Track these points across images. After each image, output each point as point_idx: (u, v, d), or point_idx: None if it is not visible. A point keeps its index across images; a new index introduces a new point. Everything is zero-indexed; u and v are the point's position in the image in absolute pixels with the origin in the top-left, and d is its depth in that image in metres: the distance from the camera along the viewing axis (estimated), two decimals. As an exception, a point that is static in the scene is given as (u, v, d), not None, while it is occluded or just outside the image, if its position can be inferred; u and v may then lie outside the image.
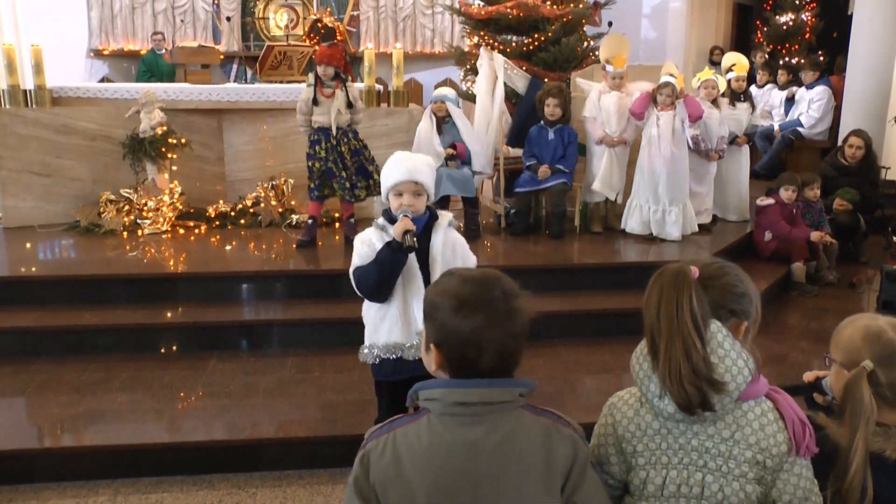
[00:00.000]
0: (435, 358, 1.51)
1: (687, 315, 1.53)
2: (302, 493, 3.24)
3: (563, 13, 7.42)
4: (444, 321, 1.47)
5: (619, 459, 1.65)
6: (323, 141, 5.24)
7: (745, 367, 1.55)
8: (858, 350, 1.68)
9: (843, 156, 6.84)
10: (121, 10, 11.07)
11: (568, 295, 4.89)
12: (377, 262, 2.63)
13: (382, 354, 2.77)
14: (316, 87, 5.21)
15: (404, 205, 2.66)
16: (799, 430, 1.57)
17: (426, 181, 2.69)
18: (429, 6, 11.84)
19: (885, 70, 7.83)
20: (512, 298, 1.48)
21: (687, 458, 1.58)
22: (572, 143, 5.91)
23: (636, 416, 1.63)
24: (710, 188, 6.35)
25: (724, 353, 1.55)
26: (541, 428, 1.48)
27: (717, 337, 1.56)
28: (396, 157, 2.73)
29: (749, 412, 1.58)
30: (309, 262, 5.15)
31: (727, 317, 1.63)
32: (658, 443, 1.61)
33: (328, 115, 5.21)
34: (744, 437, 1.56)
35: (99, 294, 4.62)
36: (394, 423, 1.52)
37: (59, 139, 6.06)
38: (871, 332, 1.68)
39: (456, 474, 1.44)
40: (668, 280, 1.58)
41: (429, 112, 5.88)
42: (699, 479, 1.57)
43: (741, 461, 1.55)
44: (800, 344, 4.71)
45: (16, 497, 3.17)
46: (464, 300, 1.46)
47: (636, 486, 1.63)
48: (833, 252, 6.09)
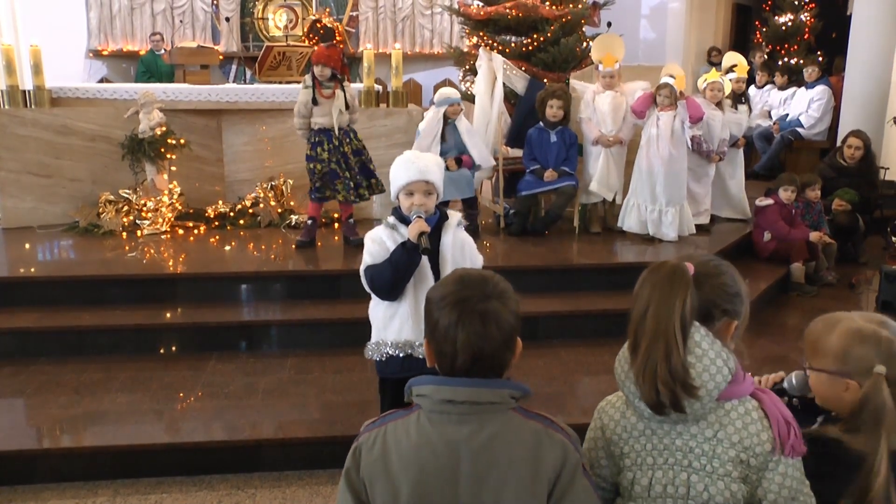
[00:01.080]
0: (427, 352, 1.56)
1: (676, 318, 1.52)
2: (301, 493, 3.24)
3: (562, 14, 7.43)
4: (430, 315, 1.53)
5: (610, 462, 1.66)
6: (325, 142, 5.23)
7: (724, 366, 1.55)
8: (861, 357, 1.63)
9: (841, 156, 6.85)
10: (120, 11, 11.07)
11: (567, 295, 4.90)
12: (391, 262, 2.65)
13: (391, 351, 2.78)
14: (314, 89, 5.21)
15: (416, 205, 2.66)
16: (784, 430, 1.56)
17: (436, 180, 2.70)
18: (428, 7, 11.84)
19: (884, 70, 7.84)
20: (490, 301, 1.48)
21: (672, 459, 1.59)
22: (574, 145, 5.92)
23: (622, 418, 1.64)
24: (708, 189, 6.36)
25: (701, 352, 1.55)
26: (530, 432, 1.47)
27: (694, 337, 1.56)
28: (407, 157, 2.74)
29: (732, 411, 1.57)
30: (308, 262, 5.15)
31: (720, 316, 1.63)
32: (643, 444, 1.61)
33: (329, 116, 5.20)
34: (727, 436, 1.56)
35: (98, 295, 4.62)
36: (387, 418, 1.55)
37: (58, 140, 6.06)
38: (867, 335, 1.65)
39: (438, 472, 1.45)
40: (664, 279, 1.57)
41: (440, 115, 5.79)
42: (684, 479, 1.57)
43: (725, 460, 1.55)
44: (799, 344, 4.67)
45: (15, 497, 3.17)
46: (445, 297, 1.50)
47: (625, 488, 1.64)
48: (832, 252, 6.10)
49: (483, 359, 1.47)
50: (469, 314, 1.46)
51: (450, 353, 1.48)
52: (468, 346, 1.46)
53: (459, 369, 1.48)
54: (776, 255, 5.91)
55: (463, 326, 1.46)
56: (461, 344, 1.46)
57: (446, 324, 1.47)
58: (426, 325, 1.55)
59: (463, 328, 1.46)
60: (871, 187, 6.93)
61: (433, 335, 1.52)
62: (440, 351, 1.50)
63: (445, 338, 1.48)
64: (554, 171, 5.81)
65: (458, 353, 1.47)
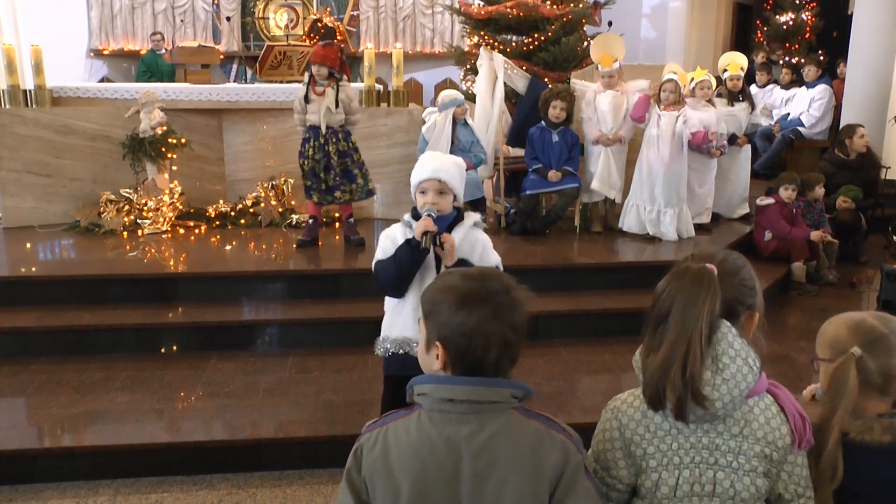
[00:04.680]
0: (441, 356, 1.50)
1: (704, 325, 1.53)
2: (302, 493, 3.24)
3: (563, 13, 7.43)
4: (447, 318, 1.48)
5: (628, 463, 1.63)
6: (312, 139, 5.25)
7: (753, 364, 1.57)
8: (845, 341, 1.71)
9: (842, 150, 6.84)
10: (121, 10, 11.07)
11: (568, 295, 4.89)
12: (395, 259, 2.65)
13: (392, 348, 2.78)
14: (309, 86, 5.22)
15: (428, 203, 2.66)
16: (799, 423, 1.59)
17: (450, 180, 2.68)
18: (429, 6, 11.83)
19: (885, 70, 7.83)
20: (512, 291, 1.50)
21: (699, 457, 1.58)
22: (576, 146, 5.91)
23: (644, 418, 1.62)
24: (711, 188, 6.34)
25: (734, 353, 1.56)
26: (531, 431, 1.46)
27: (727, 337, 1.57)
28: (424, 157, 2.77)
29: (755, 407, 1.59)
30: (309, 262, 5.15)
31: (743, 311, 1.64)
32: (669, 443, 1.60)
33: (318, 114, 5.22)
34: (752, 433, 1.57)
35: (99, 294, 4.62)
36: (388, 418, 1.54)
37: (59, 139, 6.06)
38: (855, 322, 1.73)
39: (439, 472, 1.44)
40: (691, 283, 1.56)
41: (449, 116, 5.76)
42: (711, 477, 1.57)
43: (750, 456, 1.57)
44: (799, 344, 4.70)
45: (16, 497, 3.17)
46: (467, 294, 1.48)
47: (648, 489, 1.61)
48: (833, 252, 6.09)
49: (510, 348, 1.48)
50: (500, 307, 1.46)
51: (480, 348, 1.45)
52: (501, 339, 1.46)
53: (490, 365, 1.47)
54: (777, 254, 5.90)
55: (497, 319, 1.45)
56: (495, 337, 1.45)
57: (478, 319, 1.45)
58: (437, 330, 1.50)
59: (497, 321, 1.45)
60: (872, 182, 6.91)
61: (451, 337, 1.47)
62: (467, 349, 1.46)
63: (474, 335, 1.45)
64: (558, 172, 5.81)
65: (490, 348, 1.45)
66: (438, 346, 1.49)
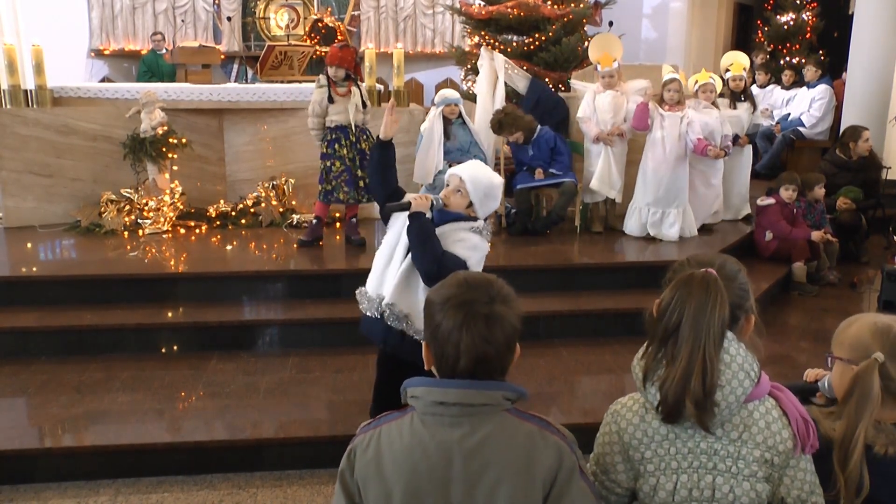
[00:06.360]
0: (425, 355, 1.54)
1: (716, 333, 1.52)
2: (302, 493, 3.24)
3: (564, 13, 7.43)
4: (431, 318, 1.50)
5: (627, 467, 1.63)
6: (343, 138, 5.26)
7: (750, 370, 1.56)
8: (868, 345, 1.67)
9: (843, 151, 6.83)
10: (121, 11, 11.07)
11: (568, 295, 4.89)
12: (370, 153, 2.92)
13: (359, 299, 2.93)
14: (329, 87, 5.23)
15: (443, 194, 2.81)
16: (802, 427, 1.57)
17: (469, 184, 2.77)
18: (429, 6, 11.83)
19: (885, 70, 7.82)
20: (495, 304, 1.47)
21: (697, 462, 1.57)
22: (557, 146, 5.92)
23: (642, 422, 1.61)
24: (719, 191, 6.28)
25: (729, 358, 1.55)
26: (524, 434, 1.45)
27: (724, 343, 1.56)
28: (476, 162, 2.96)
29: (755, 411, 1.58)
30: (310, 262, 5.15)
31: (742, 315, 1.63)
32: (667, 448, 1.59)
33: (346, 114, 5.24)
34: (751, 437, 1.56)
35: (99, 294, 4.62)
36: (381, 420, 1.54)
37: (60, 139, 6.06)
38: (880, 327, 1.69)
39: (430, 474, 1.44)
40: (699, 292, 1.54)
41: (439, 116, 5.82)
42: (710, 482, 1.56)
43: (750, 461, 1.55)
44: (800, 344, 4.70)
45: (16, 497, 3.17)
46: (448, 299, 1.48)
47: (646, 493, 1.61)
48: (834, 252, 6.08)
49: (486, 362, 1.46)
50: (474, 317, 1.44)
51: (452, 355, 1.45)
52: (472, 350, 1.44)
53: (461, 372, 1.46)
54: (778, 254, 5.89)
55: (468, 330, 1.44)
56: (465, 347, 1.44)
57: (450, 326, 1.45)
58: (426, 327, 1.53)
59: (468, 331, 1.44)
60: (873, 182, 6.90)
61: (434, 338, 1.49)
62: (441, 354, 1.48)
63: (448, 340, 1.45)
64: (542, 171, 5.87)
65: (460, 357, 1.44)
66: (425, 346, 1.53)
